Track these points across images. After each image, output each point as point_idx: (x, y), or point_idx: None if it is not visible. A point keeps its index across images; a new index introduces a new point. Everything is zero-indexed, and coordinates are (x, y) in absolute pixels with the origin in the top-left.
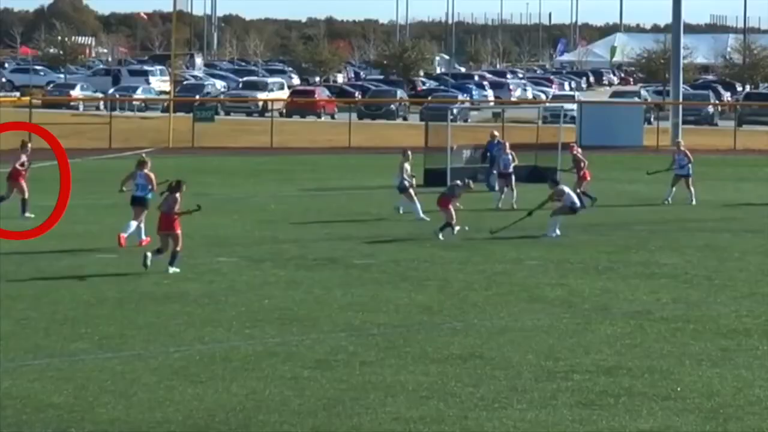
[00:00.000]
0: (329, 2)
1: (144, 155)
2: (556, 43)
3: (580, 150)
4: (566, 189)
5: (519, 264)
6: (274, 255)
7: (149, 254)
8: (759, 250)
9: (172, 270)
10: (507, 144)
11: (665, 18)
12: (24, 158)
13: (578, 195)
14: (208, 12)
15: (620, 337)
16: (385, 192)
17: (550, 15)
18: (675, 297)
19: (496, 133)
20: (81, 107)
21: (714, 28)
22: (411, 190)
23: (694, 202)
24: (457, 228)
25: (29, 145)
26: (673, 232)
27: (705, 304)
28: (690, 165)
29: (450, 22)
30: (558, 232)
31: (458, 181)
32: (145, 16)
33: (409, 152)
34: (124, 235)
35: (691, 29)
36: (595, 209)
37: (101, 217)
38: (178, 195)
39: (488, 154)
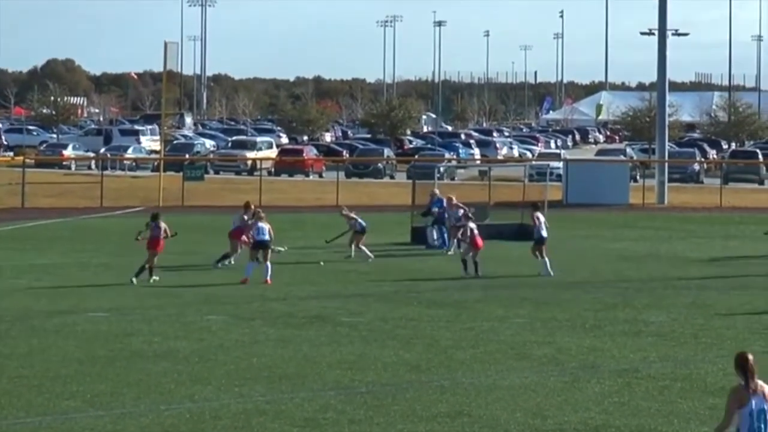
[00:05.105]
0: (317, 62)
1: (259, 209)
2: (542, 101)
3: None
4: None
5: (506, 322)
6: (263, 313)
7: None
8: (746, 307)
9: (135, 281)
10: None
11: (650, 76)
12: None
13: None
14: (198, 72)
15: (608, 395)
16: (372, 251)
17: (535, 73)
18: (662, 355)
19: (437, 191)
20: (73, 166)
21: (699, 86)
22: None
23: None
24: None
25: (253, 206)
26: (659, 289)
27: (692, 362)
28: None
29: (436, 80)
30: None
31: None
32: (135, 76)
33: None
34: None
35: (677, 87)
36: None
37: (92, 275)
38: (161, 223)
39: (431, 211)
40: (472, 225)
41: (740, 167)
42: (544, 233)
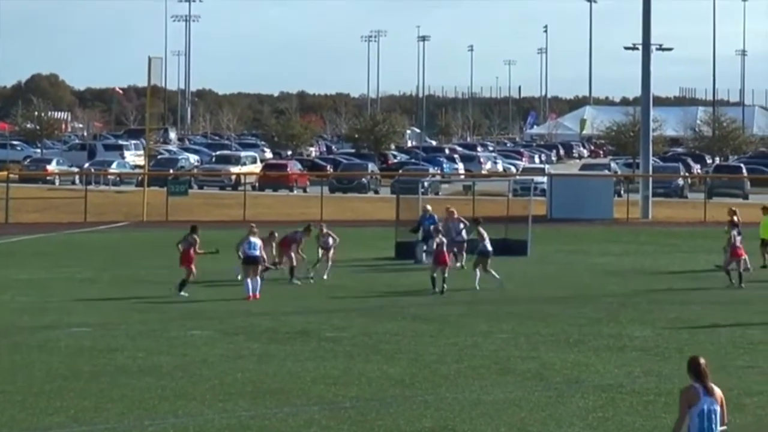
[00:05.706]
0: (301, 77)
1: (252, 224)
2: (526, 116)
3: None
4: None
5: (490, 337)
6: (247, 328)
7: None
8: (729, 322)
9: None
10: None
11: (634, 91)
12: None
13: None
14: (182, 87)
15: (592, 410)
16: (357, 266)
17: (519, 88)
18: (646, 370)
19: (429, 207)
20: (57, 181)
21: (683, 101)
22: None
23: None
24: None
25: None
26: (643, 304)
27: (677, 377)
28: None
29: (420, 95)
30: None
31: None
32: (120, 91)
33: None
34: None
35: (660, 102)
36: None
37: (75, 290)
38: (195, 236)
39: (421, 227)
40: (440, 239)
41: (724, 182)
42: (489, 247)
